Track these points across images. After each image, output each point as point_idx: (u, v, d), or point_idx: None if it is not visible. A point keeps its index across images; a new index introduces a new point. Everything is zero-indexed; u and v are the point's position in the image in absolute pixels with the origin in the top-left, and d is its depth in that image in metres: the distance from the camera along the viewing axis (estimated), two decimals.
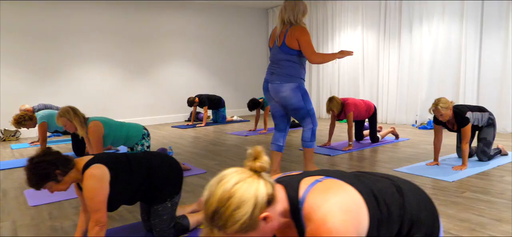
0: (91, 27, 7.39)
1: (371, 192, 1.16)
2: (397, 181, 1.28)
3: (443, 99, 3.45)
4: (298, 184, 1.14)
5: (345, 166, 3.77)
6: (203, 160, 4.29)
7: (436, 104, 3.45)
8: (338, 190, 1.09)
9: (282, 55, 3.15)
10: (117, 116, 7.78)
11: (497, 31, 5.55)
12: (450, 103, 3.46)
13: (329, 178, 1.16)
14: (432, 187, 2.95)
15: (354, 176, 1.23)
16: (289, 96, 3.14)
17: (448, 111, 3.45)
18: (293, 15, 3.12)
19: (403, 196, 1.22)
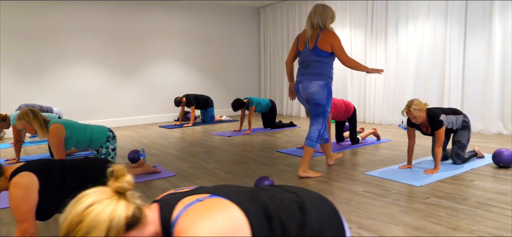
0: (79, 27, 7.36)
1: (264, 211, 1.11)
2: (303, 196, 1.23)
3: (416, 101, 3.38)
4: (175, 204, 1.08)
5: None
6: (177, 162, 4.24)
7: (409, 105, 3.38)
8: (215, 212, 1.02)
9: (313, 57, 3.37)
10: (105, 116, 7.75)
11: (481, 30, 5.47)
12: (423, 105, 3.39)
13: (214, 197, 1.09)
14: (398, 192, 2.89)
15: (249, 193, 1.17)
16: (316, 91, 3.36)
17: (422, 113, 3.39)
18: (322, 20, 3.33)
19: (305, 213, 1.16)
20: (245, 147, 5.03)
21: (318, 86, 3.34)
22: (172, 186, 3.29)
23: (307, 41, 3.39)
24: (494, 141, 4.83)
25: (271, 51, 9.45)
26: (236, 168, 3.88)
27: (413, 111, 3.36)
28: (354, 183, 3.18)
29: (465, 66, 5.69)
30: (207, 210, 1.02)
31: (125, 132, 6.95)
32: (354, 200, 2.75)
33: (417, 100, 3.39)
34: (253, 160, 4.23)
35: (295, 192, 1.24)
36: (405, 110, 3.41)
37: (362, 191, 2.96)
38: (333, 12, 3.39)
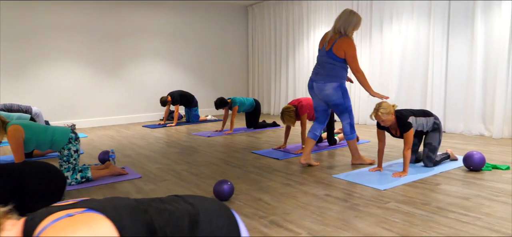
0: (61, 26, 7.29)
1: (147, 225, 1.05)
2: (200, 209, 1.17)
3: (384, 104, 3.32)
4: (42, 219, 1.02)
5: (287, 171, 3.65)
6: (148, 163, 4.18)
7: (376, 109, 3.32)
8: (78, 228, 0.96)
9: (327, 58, 3.58)
10: (88, 115, 7.69)
11: (463, 30, 5.40)
12: (391, 108, 3.33)
13: (89, 212, 1.03)
14: (359, 196, 2.82)
15: (131, 207, 1.10)
16: (331, 94, 3.61)
17: (390, 117, 3.32)
18: (344, 27, 3.50)
19: (196, 227, 1.10)
20: (221, 148, 4.97)
21: (332, 89, 3.60)
22: (134, 189, 3.23)
23: (326, 43, 3.60)
24: (474, 143, 4.76)
25: (259, 50, 9.38)
26: (205, 169, 3.82)
27: (380, 115, 3.30)
28: (318, 186, 3.11)
29: (448, 67, 5.62)
30: (70, 226, 0.96)
31: (107, 131, 6.89)
32: (313, 205, 2.69)
33: (385, 103, 3.32)
34: (225, 161, 4.17)
35: (193, 204, 1.18)
36: (373, 114, 3.35)
37: (324, 195, 2.90)
38: (358, 20, 3.52)
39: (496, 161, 3.78)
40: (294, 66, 8.35)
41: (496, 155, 4.03)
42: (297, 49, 8.23)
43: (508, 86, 4.97)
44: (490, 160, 3.82)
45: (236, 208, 2.66)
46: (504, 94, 4.99)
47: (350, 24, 3.51)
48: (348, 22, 3.50)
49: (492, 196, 2.74)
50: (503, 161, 3.75)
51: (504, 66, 4.96)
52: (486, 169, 3.43)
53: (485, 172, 3.39)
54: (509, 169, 3.46)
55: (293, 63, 8.37)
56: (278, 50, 8.77)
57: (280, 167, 3.83)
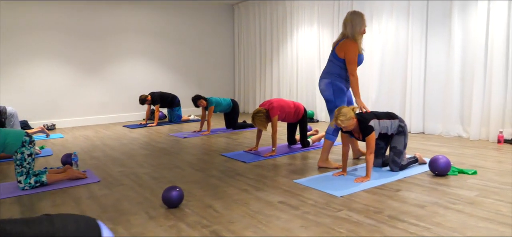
0: (41, 24, 7.18)
1: None
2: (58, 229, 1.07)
3: (344, 110, 3.20)
4: None
5: (249, 176, 3.55)
6: (112, 166, 4.08)
7: (336, 117, 3.21)
8: None
9: (330, 57, 3.72)
10: (69, 115, 7.60)
11: (441, 29, 5.29)
12: (351, 113, 3.23)
13: None
14: (313, 204, 2.73)
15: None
16: (324, 89, 3.72)
17: (351, 121, 3.22)
18: (352, 31, 3.57)
19: None
20: (192, 149, 4.88)
21: (324, 84, 3.69)
22: (87, 194, 3.13)
23: (334, 43, 3.74)
24: (449, 145, 4.66)
25: (245, 49, 9.28)
26: (167, 173, 3.72)
27: (340, 123, 3.19)
28: (275, 192, 3.02)
29: (426, 67, 5.52)
30: None
31: (85, 132, 6.80)
32: (262, 213, 2.59)
33: (345, 109, 3.21)
34: (191, 164, 4.07)
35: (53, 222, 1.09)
36: (334, 122, 3.24)
37: (278, 202, 2.80)
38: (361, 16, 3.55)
39: (466, 165, 3.68)
40: (278, 66, 8.25)
41: (468, 159, 3.93)
42: (281, 49, 8.13)
43: (484, 86, 4.87)
44: (460, 164, 3.72)
45: (182, 216, 2.57)
46: (481, 95, 4.89)
47: (356, 25, 3.55)
48: (354, 24, 3.55)
49: (450, 203, 2.64)
50: (475, 165, 3.65)
51: (480, 67, 4.85)
52: (452, 174, 3.34)
53: (451, 177, 3.29)
54: (476, 173, 3.36)
55: (277, 62, 8.26)
56: (263, 50, 8.67)
57: (244, 171, 3.74)
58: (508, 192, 2.84)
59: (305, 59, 7.50)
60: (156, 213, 2.64)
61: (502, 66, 4.68)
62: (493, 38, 4.71)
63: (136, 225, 2.45)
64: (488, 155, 4.06)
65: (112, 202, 2.92)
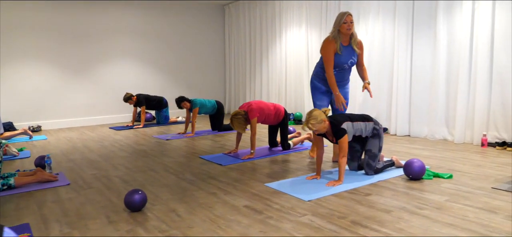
0: (26, 25, 7.14)
1: None
2: None
3: (314, 113, 3.13)
4: None
5: (221, 179, 3.49)
6: (86, 169, 4.02)
7: (307, 120, 3.15)
8: None
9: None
10: (55, 116, 7.55)
11: (427, 30, 5.22)
12: (323, 115, 3.16)
13: None
14: (278, 209, 2.66)
15: None
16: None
17: (323, 124, 3.15)
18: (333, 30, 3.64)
19: None
20: (171, 152, 4.82)
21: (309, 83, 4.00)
22: (52, 198, 3.07)
23: None
24: (431, 148, 4.58)
25: (236, 50, 9.22)
26: (140, 176, 3.66)
27: (311, 126, 3.13)
28: (243, 196, 2.95)
29: (412, 68, 5.45)
30: None
31: (70, 133, 6.75)
32: (224, 218, 2.53)
33: (316, 112, 3.14)
34: (166, 167, 4.01)
35: None
36: (304, 125, 3.18)
37: (243, 206, 2.74)
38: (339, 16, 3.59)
39: (444, 168, 3.61)
40: (268, 67, 8.19)
41: (448, 162, 3.86)
42: (270, 50, 8.08)
43: (469, 89, 4.80)
44: (438, 167, 3.65)
45: (143, 221, 2.50)
46: (465, 97, 4.82)
47: (334, 24, 3.64)
48: (334, 23, 3.64)
49: (417, 209, 2.58)
50: (452, 169, 3.58)
51: (465, 68, 4.78)
52: (427, 178, 3.27)
53: (425, 181, 3.22)
54: (451, 178, 3.29)
55: (267, 63, 8.21)
56: (253, 51, 8.62)
57: (218, 174, 3.67)
58: (480, 197, 2.77)
59: (294, 60, 7.44)
60: (117, 218, 2.58)
61: (486, 68, 4.61)
62: (478, 40, 4.64)
63: (93, 230, 2.39)
64: (468, 159, 3.99)
65: (76, 206, 2.86)
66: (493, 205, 2.61)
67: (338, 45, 3.60)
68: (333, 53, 3.60)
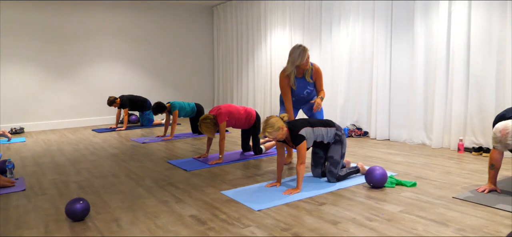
0: (11, 25, 7.10)
1: None
2: None
3: (271, 121, 3.01)
4: None
5: (179, 186, 3.40)
6: (48, 174, 3.95)
7: (263, 128, 3.04)
8: None
9: None
10: (39, 118, 7.51)
11: (405, 31, 5.10)
12: (280, 122, 3.04)
13: None
14: (224, 218, 2.56)
15: None
16: None
17: (280, 132, 3.04)
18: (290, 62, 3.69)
19: None
20: (142, 156, 4.73)
21: None
22: (8, 204, 3.00)
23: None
24: (407, 153, 4.46)
25: (224, 52, 9.13)
26: (99, 182, 3.58)
27: (268, 134, 3.02)
28: (194, 205, 2.86)
29: (392, 71, 5.32)
30: None
31: (50, 136, 6.69)
32: (166, 228, 2.43)
33: (273, 119, 3.02)
34: (129, 172, 3.92)
35: None
36: (262, 133, 3.07)
37: (189, 216, 2.64)
38: (290, 52, 3.66)
39: (411, 175, 3.49)
40: (253, 69, 8.09)
41: (417, 168, 3.74)
42: (256, 52, 7.98)
43: (447, 92, 4.67)
44: (406, 174, 3.54)
45: (80, 231, 2.42)
46: (443, 101, 4.69)
47: (290, 60, 3.66)
48: (289, 58, 3.66)
49: (367, 220, 2.47)
50: (420, 176, 3.45)
51: (442, 71, 4.66)
52: (389, 186, 3.15)
53: (387, 189, 3.11)
54: (415, 185, 3.17)
55: (253, 66, 8.11)
56: (240, 52, 8.52)
57: (179, 180, 3.58)
58: (436, 208, 2.65)
59: (279, 62, 7.33)
60: (56, 227, 2.50)
61: (463, 71, 4.48)
62: (454, 42, 4.51)
63: None
64: (440, 165, 3.86)
65: (20, 214, 2.78)
66: (447, 216, 2.49)
67: (292, 80, 3.71)
68: (288, 87, 3.72)
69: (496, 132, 2.80)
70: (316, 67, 3.78)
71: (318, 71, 3.79)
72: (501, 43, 4.15)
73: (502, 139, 2.77)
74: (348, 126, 5.89)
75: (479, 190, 2.97)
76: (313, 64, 3.79)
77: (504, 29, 4.11)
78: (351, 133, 5.70)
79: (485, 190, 2.94)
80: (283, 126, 3.07)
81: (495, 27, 4.18)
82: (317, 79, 3.79)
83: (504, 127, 2.78)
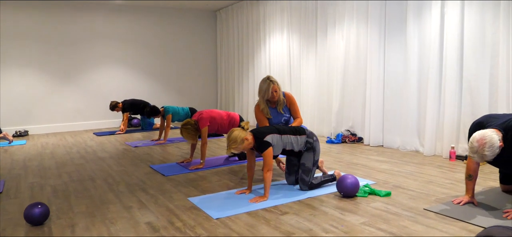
0: (15, 30, 7.31)
1: None
2: None
3: (233, 136, 2.93)
4: None
5: (154, 191, 3.37)
6: (30, 177, 4.00)
7: (228, 145, 2.98)
8: None
9: None
10: (43, 122, 7.68)
11: (398, 34, 4.94)
12: (243, 133, 2.95)
13: None
14: (178, 227, 2.51)
15: None
16: None
17: (244, 143, 2.96)
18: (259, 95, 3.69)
19: None
20: (128, 159, 4.74)
21: None
22: None
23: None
24: (396, 161, 4.28)
25: (227, 56, 9.11)
26: (74, 186, 3.59)
27: (235, 150, 2.96)
28: (156, 211, 2.82)
29: (385, 75, 5.16)
30: None
31: (50, 139, 6.83)
32: (117, 235, 2.40)
33: (235, 133, 2.94)
34: (107, 176, 3.93)
35: None
36: (228, 151, 3.00)
37: (145, 223, 2.60)
38: (260, 86, 3.66)
39: (390, 184, 3.34)
40: (254, 72, 8.03)
41: (398, 177, 3.58)
42: (256, 54, 7.92)
43: (440, 97, 4.47)
44: (384, 183, 3.39)
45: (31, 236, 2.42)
46: (436, 106, 4.50)
47: (259, 93, 3.66)
48: (259, 92, 3.66)
49: (323, 231, 2.36)
50: (399, 185, 3.30)
51: (435, 75, 4.46)
52: (362, 195, 3.03)
53: (359, 198, 2.99)
54: (389, 195, 3.03)
55: (253, 68, 8.05)
56: (241, 56, 8.49)
57: (153, 185, 3.56)
58: (402, 220, 2.51)
59: (278, 66, 7.25)
60: (13, 231, 2.51)
61: (456, 75, 4.28)
62: (447, 45, 4.32)
63: None
64: (424, 174, 3.69)
65: None
66: (410, 230, 2.36)
67: (266, 110, 3.66)
68: (265, 118, 3.66)
69: (473, 142, 2.60)
70: (289, 96, 3.76)
71: (291, 99, 3.76)
72: (494, 46, 3.94)
73: (479, 150, 2.55)
74: (342, 131, 5.74)
75: (455, 202, 2.81)
76: (285, 93, 3.75)
77: (497, 31, 3.90)
78: (345, 139, 5.56)
79: (461, 202, 2.78)
80: (247, 136, 2.99)
81: (489, 29, 3.98)
82: (291, 106, 3.76)
83: (482, 136, 2.57)
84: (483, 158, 2.56)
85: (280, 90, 3.65)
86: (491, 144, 2.46)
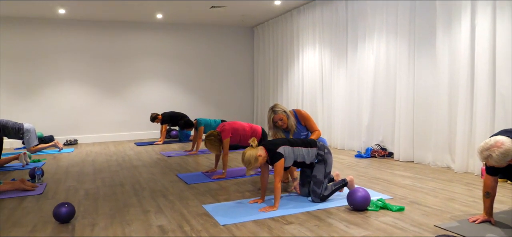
0: (66, 47, 8.04)
1: None
2: None
3: (246, 158, 3.05)
4: None
5: (175, 197, 3.56)
6: (69, 181, 4.37)
7: (246, 168, 3.10)
8: None
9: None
10: (90, 132, 8.30)
11: (428, 49, 4.81)
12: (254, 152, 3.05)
13: None
14: (186, 231, 2.65)
15: None
16: None
17: (259, 160, 3.06)
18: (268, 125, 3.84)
19: None
20: (159, 168, 5.01)
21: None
22: (11, 204, 3.41)
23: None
24: (423, 177, 4.13)
25: (264, 71, 9.29)
26: (104, 190, 3.89)
27: (253, 170, 3.09)
28: (171, 216, 2.98)
29: (415, 89, 5.02)
30: None
31: (96, 148, 7.36)
32: (129, 235, 2.59)
33: (247, 154, 3.04)
34: (136, 183, 4.20)
35: None
36: (248, 172, 3.14)
37: (157, 226, 2.77)
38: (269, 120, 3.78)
39: (407, 200, 3.25)
40: (287, 85, 8.12)
41: (420, 194, 3.46)
42: (289, 68, 8.02)
43: (472, 111, 4.26)
44: (401, 198, 3.30)
45: (56, 232, 2.67)
46: (468, 121, 4.29)
47: (268, 123, 3.79)
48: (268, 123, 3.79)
49: None
50: (416, 202, 3.21)
51: (466, 89, 4.28)
52: (373, 209, 2.99)
53: (369, 212, 2.95)
54: (402, 210, 2.96)
55: (286, 82, 8.15)
56: (275, 70, 8.62)
57: (174, 192, 3.75)
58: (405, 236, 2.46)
59: (310, 80, 7.28)
60: (42, 228, 2.79)
61: (488, 89, 4.07)
62: (479, 58, 4.14)
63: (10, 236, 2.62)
64: (448, 191, 3.54)
65: (22, 214, 3.14)
66: None
67: (280, 134, 3.75)
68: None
69: (491, 140, 2.42)
70: (301, 113, 3.86)
71: (304, 115, 3.85)
72: None
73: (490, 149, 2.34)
74: (372, 146, 5.63)
75: (471, 220, 2.69)
76: (297, 111, 3.86)
77: None
78: (374, 153, 5.44)
79: (476, 221, 2.65)
80: (259, 152, 3.08)
81: None
82: (306, 122, 3.85)
83: (503, 141, 2.34)
84: (487, 159, 2.44)
85: (288, 118, 3.71)
86: (506, 153, 2.35)
